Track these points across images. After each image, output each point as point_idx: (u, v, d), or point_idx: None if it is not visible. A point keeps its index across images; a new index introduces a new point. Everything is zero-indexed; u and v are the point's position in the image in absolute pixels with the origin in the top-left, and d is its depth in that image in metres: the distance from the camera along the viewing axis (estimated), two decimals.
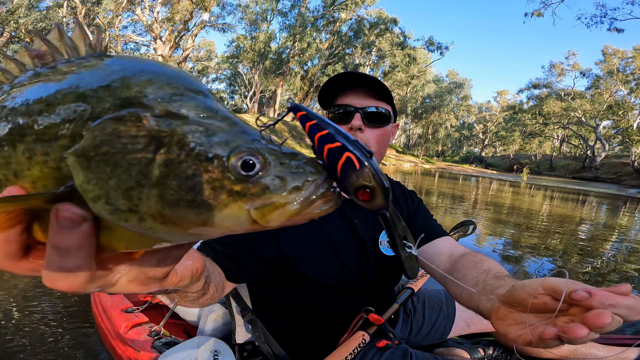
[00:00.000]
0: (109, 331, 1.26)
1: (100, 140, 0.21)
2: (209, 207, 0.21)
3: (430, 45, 28.98)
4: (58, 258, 0.23)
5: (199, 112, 0.23)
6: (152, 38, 21.47)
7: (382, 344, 0.89)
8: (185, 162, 0.21)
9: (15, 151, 0.23)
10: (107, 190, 0.21)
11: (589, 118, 32.73)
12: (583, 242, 4.89)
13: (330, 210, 0.24)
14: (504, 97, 51.09)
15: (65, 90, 0.23)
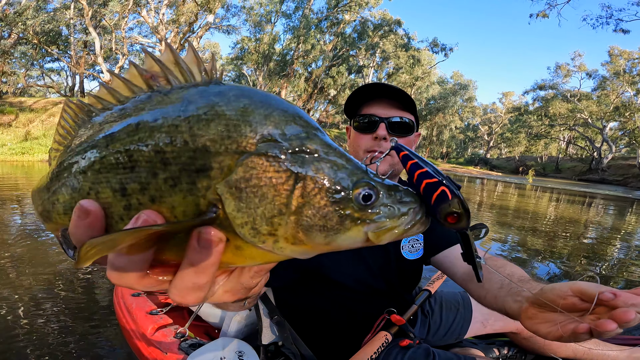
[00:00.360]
0: (134, 333, 1.27)
1: (250, 174, 0.24)
2: (336, 230, 0.25)
3: (434, 46, 28.88)
4: (193, 275, 0.26)
5: (323, 148, 0.26)
6: (157, 40, 21.61)
7: (405, 343, 0.92)
8: (319, 194, 0.25)
9: (156, 178, 0.25)
10: (254, 218, 0.24)
11: (596, 119, 32.51)
12: (589, 245, 4.83)
13: (422, 231, 0.29)
14: (509, 99, 50.82)
15: (206, 120, 0.25)
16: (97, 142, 0.28)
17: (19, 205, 4.87)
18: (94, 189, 0.27)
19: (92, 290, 2.34)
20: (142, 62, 0.29)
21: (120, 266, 0.26)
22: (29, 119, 14.51)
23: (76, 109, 0.31)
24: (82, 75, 23.32)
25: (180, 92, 0.27)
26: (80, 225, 0.26)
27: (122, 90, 0.29)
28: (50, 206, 0.31)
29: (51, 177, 0.31)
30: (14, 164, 10.75)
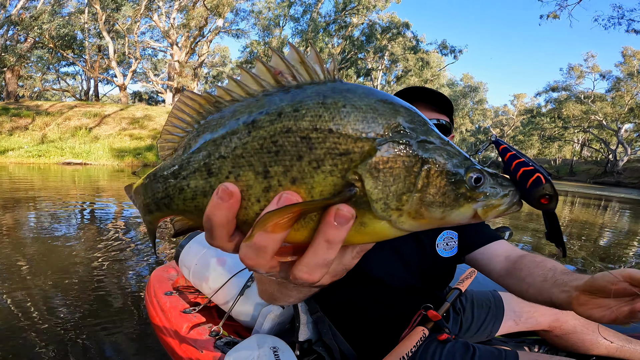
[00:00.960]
0: (168, 331, 1.29)
1: (387, 157, 0.28)
2: (452, 206, 0.30)
3: (443, 48, 28.69)
4: (326, 251, 0.28)
5: (439, 139, 0.31)
6: (168, 44, 21.99)
7: (444, 337, 0.95)
8: (440, 176, 0.29)
9: (301, 161, 0.28)
10: (387, 194, 0.28)
11: (610, 121, 31.74)
12: (605, 248, 4.70)
13: (517, 211, 0.34)
14: (521, 101, 50.04)
15: (346, 112, 0.29)
16: (238, 129, 0.30)
17: (34, 206, 4.97)
18: (233, 172, 0.30)
19: (109, 290, 2.35)
20: (271, 58, 0.32)
21: (262, 245, 0.27)
22: (45, 122, 14.86)
23: (201, 101, 0.33)
24: (96, 79, 23.83)
25: (314, 87, 0.30)
26: (222, 207, 0.28)
27: (251, 84, 0.32)
28: (176, 192, 0.33)
29: (178, 164, 0.33)
30: (30, 166, 11.00)
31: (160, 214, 0.36)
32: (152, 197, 0.36)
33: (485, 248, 1.04)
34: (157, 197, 0.35)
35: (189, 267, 1.47)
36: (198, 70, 24.34)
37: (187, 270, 1.48)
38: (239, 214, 0.30)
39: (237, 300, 1.29)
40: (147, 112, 17.70)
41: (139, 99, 42.61)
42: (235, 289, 1.32)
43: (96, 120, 15.71)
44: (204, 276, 1.41)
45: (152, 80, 23.85)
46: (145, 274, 2.59)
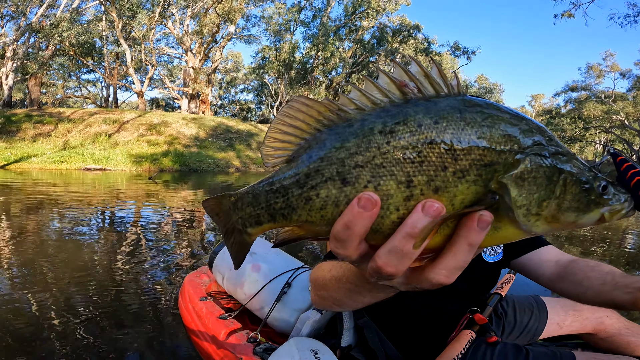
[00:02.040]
0: (204, 336, 1.30)
1: (531, 168, 0.31)
2: (584, 211, 0.33)
3: (456, 50, 28.23)
4: (466, 254, 0.30)
5: (567, 153, 0.33)
6: (183, 50, 22.44)
7: (493, 339, 0.94)
8: (575, 184, 0.32)
9: (445, 171, 0.30)
10: (530, 201, 0.31)
11: (633, 121, 30.77)
12: (630, 254, 4.53)
13: (633, 215, 0.37)
14: (539, 101, 49.04)
15: (488, 125, 0.31)
16: (374, 139, 0.30)
17: (57, 210, 5.10)
18: (373, 181, 0.30)
19: (131, 295, 2.37)
20: (394, 69, 0.33)
21: (412, 252, 0.29)
22: (67, 129, 15.32)
23: (320, 108, 0.33)
24: (115, 86, 24.49)
25: (446, 100, 0.32)
26: (364, 217, 0.29)
27: (375, 93, 0.32)
28: (302, 202, 0.32)
29: (304, 173, 0.32)
30: (52, 172, 11.34)
31: (271, 225, 0.35)
32: (266, 207, 0.35)
33: (534, 253, 1.04)
34: (273, 208, 0.34)
35: (223, 273, 1.46)
36: (212, 76, 24.74)
37: (221, 277, 1.48)
38: (376, 222, 0.30)
39: (274, 306, 1.27)
40: (163, 118, 18.04)
41: (156, 105, 43.55)
42: (271, 295, 1.31)
43: (115, 127, 16.10)
44: (239, 282, 1.40)
45: (168, 86, 24.37)
46: (163, 278, 2.60)
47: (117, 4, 18.45)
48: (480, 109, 0.31)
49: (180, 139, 16.27)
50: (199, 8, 21.24)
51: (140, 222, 4.60)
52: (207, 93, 22.84)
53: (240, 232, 0.38)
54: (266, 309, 1.29)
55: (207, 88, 22.80)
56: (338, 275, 0.57)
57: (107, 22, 20.78)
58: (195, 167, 14.17)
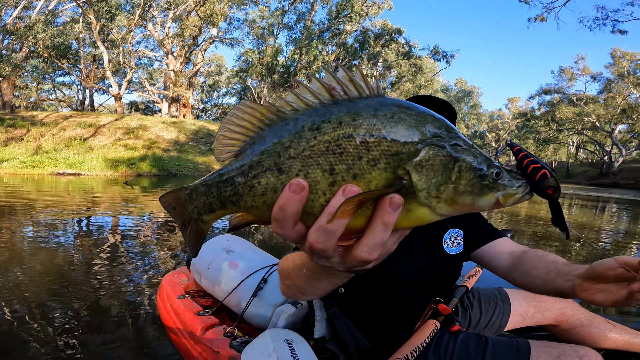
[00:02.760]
0: (182, 332, 1.30)
1: (428, 157, 0.35)
2: (478, 194, 0.37)
3: (435, 54, 28.83)
4: (382, 232, 0.34)
5: (465, 143, 0.38)
6: (164, 53, 22.06)
7: (456, 328, 0.98)
8: (469, 171, 0.36)
9: (361, 160, 0.35)
10: (429, 185, 0.35)
11: (604, 123, 31.96)
12: (605, 250, 4.75)
13: (528, 199, 0.41)
14: (516, 104, 50.56)
15: (395, 120, 0.35)
16: (304, 134, 0.36)
17: (31, 216, 4.91)
18: (303, 170, 0.35)
19: (109, 298, 2.31)
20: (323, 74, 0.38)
21: (332, 230, 0.34)
22: (40, 133, 14.78)
23: (262, 110, 0.38)
24: (91, 89, 23.83)
25: (364, 101, 0.37)
26: (294, 200, 0.33)
27: (307, 96, 0.37)
28: (246, 189, 0.38)
29: (248, 165, 0.38)
30: (24, 177, 10.91)
31: (223, 212, 0.40)
32: (217, 196, 0.40)
33: (489, 245, 1.10)
34: (223, 196, 0.39)
35: (200, 272, 1.46)
36: (193, 79, 24.42)
37: (199, 275, 1.47)
38: (305, 206, 0.35)
39: (250, 301, 1.27)
40: (142, 122, 17.65)
41: (136, 108, 42.57)
42: (247, 291, 1.32)
43: (91, 131, 15.65)
44: (216, 280, 1.39)
45: (148, 89, 23.89)
46: (143, 281, 2.55)
47: (95, 6, 17.98)
48: (391, 107, 0.36)
49: (159, 143, 15.95)
50: (181, 11, 20.96)
51: (116, 226, 4.49)
52: (188, 96, 22.48)
53: (196, 220, 0.42)
54: (243, 304, 1.30)
55: (188, 91, 22.44)
56: (299, 264, 0.60)
57: (84, 24, 20.22)
58: (175, 171, 13.93)
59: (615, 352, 1.29)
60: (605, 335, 1.27)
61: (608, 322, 1.32)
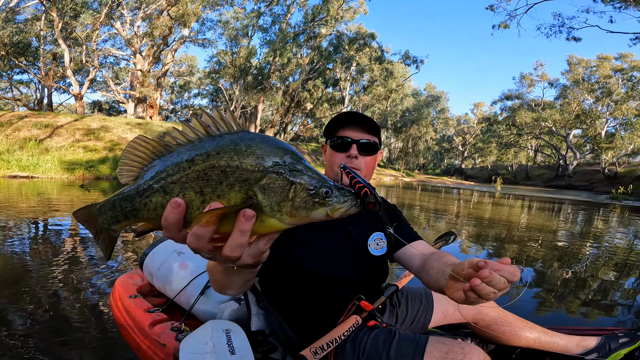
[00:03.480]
0: (132, 328, 1.33)
1: (270, 181, 0.45)
2: (311, 209, 0.46)
3: (406, 59, 29.47)
4: (239, 237, 0.45)
5: (304, 168, 0.47)
6: (132, 52, 21.28)
7: (372, 323, 1.07)
8: (303, 191, 0.46)
9: (222, 184, 0.45)
10: (272, 202, 0.45)
11: (560, 127, 33.71)
12: (562, 249, 5.03)
13: (356, 211, 0.49)
14: (481, 109, 52.75)
15: (247, 152, 0.45)
16: (182, 165, 0.46)
17: None
18: (181, 192, 0.46)
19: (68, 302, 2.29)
20: (196, 116, 0.48)
21: (200, 234, 0.45)
22: None
23: (154, 143, 0.49)
24: (50, 88, 22.58)
25: (228, 137, 0.47)
26: (174, 213, 0.45)
27: (189, 133, 0.48)
28: (142, 205, 0.48)
29: (143, 187, 0.48)
30: None
31: (127, 223, 0.51)
32: (120, 210, 0.50)
33: (407, 247, 1.18)
34: (126, 210, 0.50)
35: (152, 272, 1.51)
36: (162, 79, 23.73)
37: (151, 275, 1.53)
38: (186, 217, 0.45)
39: (198, 299, 1.35)
40: (104, 123, 16.86)
41: (99, 109, 40.70)
42: (196, 289, 1.39)
43: (47, 132, 14.81)
44: (167, 279, 1.46)
45: (113, 89, 22.93)
46: (103, 285, 2.54)
47: (59, 3, 17.09)
48: (247, 142, 0.46)
49: (122, 145, 15.27)
50: (152, 10, 20.31)
51: (74, 230, 4.36)
52: (155, 97, 21.78)
53: (107, 230, 0.53)
54: (192, 302, 1.37)
55: (156, 92, 21.74)
56: (216, 263, 0.69)
57: (46, 21, 19.15)
58: None
59: (531, 351, 1.37)
60: (517, 333, 1.34)
61: (519, 320, 1.38)
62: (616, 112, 29.38)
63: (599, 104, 31.42)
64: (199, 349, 1.05)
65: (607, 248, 5.08)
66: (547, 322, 1.89)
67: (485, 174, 44.80)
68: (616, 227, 7.82)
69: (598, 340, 1.39)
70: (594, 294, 2.93)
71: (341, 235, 1.15)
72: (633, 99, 28.54)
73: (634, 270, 3.75)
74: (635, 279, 3.49)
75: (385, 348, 0.99)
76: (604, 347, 1.37)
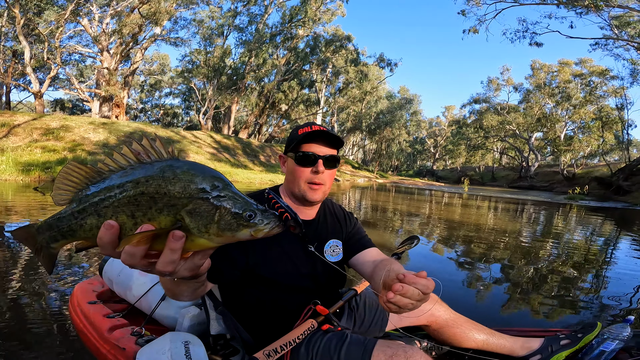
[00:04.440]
0: (91, 334, 1.32)
1: (196, 206, 0.49)
2: (236, 230, 0.50)
3: (381, 61, 29.53)
4: (170, 254, 0.49)
5: (229, 193, 0.51)
6: (99, 50, 20.37)
7: (325, 327, 1.11)
8: (228, 214, 0.49)
9: (151, 209, 0.49)
10: (199, 224, 0.49)
11: (522, 130, 34.83)
12: (525, 248, 5.21)
13: (279, 231, 0.53)
14: (451, 112, 54.37)
15: (174, 179, 0.49)
16: (114, 190, 0.50)
17: None
18: (114, 215, 0.49)
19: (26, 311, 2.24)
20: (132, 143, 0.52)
21: (132, 252, 0.48)
22: None
23: (87, 169, 0.53)
24: (8, 85, 21.25)
25: (158, 164, 0.50)
26: (107, 234, 0.48)
27: (121, 160, 0.51)
28: (78, 227, 0.52)
29: (77, 210, 0.52)
30: None
31: (65, 241, 0.55)
32: (58, 231, 0.54)
33: (360, 254, 1.24)
34: (63, 230, 0.54)
35: (112, 279, 1.54)
36: (130, 78, 22.89)
37: (111, 282, 1.55)
38: (121, 237, 0.49)
39: (159, 304, 1.39)
40: (65, 122, 15.95)
41: (62, 107, 38.64)
42: (157, 295, 1.42)
43: (3, 131, 13.90)
44: (127, 285, 1.48)
45: (77, 87, 21.88)
46: (63, 291, 2.49)
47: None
48: (174, 170, 0.50)
49: (84, 145, 14.56)
50: (123, 7, 19.52)
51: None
52: (122, 96, 20.94)
53: (47, 247, 0.57)
54: (153, 307, 1.40)
55: (122, 90, 20.91)
56: None
57: (7, 18, 17.95)
58: None
59: (481, 352, 1.40)
60: (467, 335, 1.38)
61: (469, 323, 1.42)
62: (574, 116, 30.64)
63: (559, 107, 32.59)
64: (156, 358, 1.08)
65: (565, 247, 5.34)
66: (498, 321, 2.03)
67: (455, 175, 46.00)
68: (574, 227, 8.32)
69: (541, 342, 1.42)
70: (546, 293, 3.09)
71: (296, 244, 1.18)
72: (591, 103, 29.74)
73: (585, 270, 3.98)
74: (585, 276, 3.72)
75: (337, 351, 1.03)
76: (547, 349, 1.40)
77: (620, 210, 14.08)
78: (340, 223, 1.34)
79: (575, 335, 1.45)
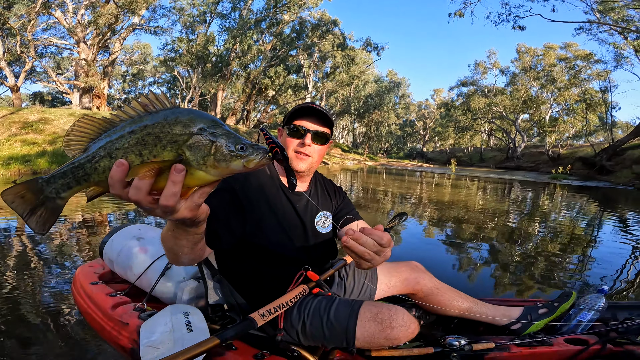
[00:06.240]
0: (95, 313, 1.36)
1: (195, 141, 0.55)
2: (229, 161, 0.56)
3: (368, 45, 29.33)
4: (172, 187, 0.54)
5: (223, 131, 0.57)
6: (75, 41, 19.64)
7: (316, 290, 1.19)
8: (223, 147, 0.56)
9: (156, 146, 0.55)
10: (197, 157, 0.55)
11: (509, 112, 35.50)
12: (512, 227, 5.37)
13: (268, 162, 0.59)
14: (440, 95, 54.58)
15: (176, 122, 0.55)
16: (125, 134, 0.56)
17: None
18: (124, 155, 0.55)
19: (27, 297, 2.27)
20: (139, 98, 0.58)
21: (139, 186, 0.53)
22: None
23: (100, 121, 0.59)
24: None
25: (162, 112, 0.57)
26: (117, 172, 0.53)
27: (130, 111, 0.58)
28: (93, 170, 0.57)
29: (92, 155, 0.57)
30: None
31: (78, 188, 0.59)
32: (73, 176, 0.58)
33: (349, 226, 1.30)
34: (78, 175, 0.58)
35: (112, 259, 1.58)
36: (109, 68, 22.22)
37: (111, 262, 1.60)
38: (128, 175, 0.54)
39: (158, 280, 1.45)
40: (44, 115, 15.45)
41: (41, 100, 37.42)
42: (156, 272, 1.47)
43: None
44: (127, 265, 1.53)
45: (55, 79, 21.19)
46: (59, 278, 2.53)
47: None
48: (176, 114, 0.56)
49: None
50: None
51: (22, 229, 4.17)
52: (102, 87, 20.36)
53: (53, 199, 0.60)
54: (153, 284, 1.45)
55: (102, 81, 20.32)
56: (167, 228, 0.77)
57: None
58: None
59: (466, 321, 1.46)
60: (451, 303, 1.44)
61: (453, 291, 1.47)
62: (559, 98, 31.28)
63: (545, 90, 33.21)
64: (159, 329, 1.15)
65: (548, 225, 5.55)
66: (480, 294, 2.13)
67: (444, 157, 46.47)
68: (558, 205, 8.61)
69: (520, 311, 1.49)
70: (526, 266, 3.25)
71: (290, 214, 1.26)
72: (575, 86, 30.29)
73: (566, 247, 4.14)
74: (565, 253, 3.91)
75: (326, 311, 1.12)
76: (526, 317, 1.47)
77: (602, 189, 14.39)
78: (330, 196, 1.41)
79: (552, 305, 1.52)
